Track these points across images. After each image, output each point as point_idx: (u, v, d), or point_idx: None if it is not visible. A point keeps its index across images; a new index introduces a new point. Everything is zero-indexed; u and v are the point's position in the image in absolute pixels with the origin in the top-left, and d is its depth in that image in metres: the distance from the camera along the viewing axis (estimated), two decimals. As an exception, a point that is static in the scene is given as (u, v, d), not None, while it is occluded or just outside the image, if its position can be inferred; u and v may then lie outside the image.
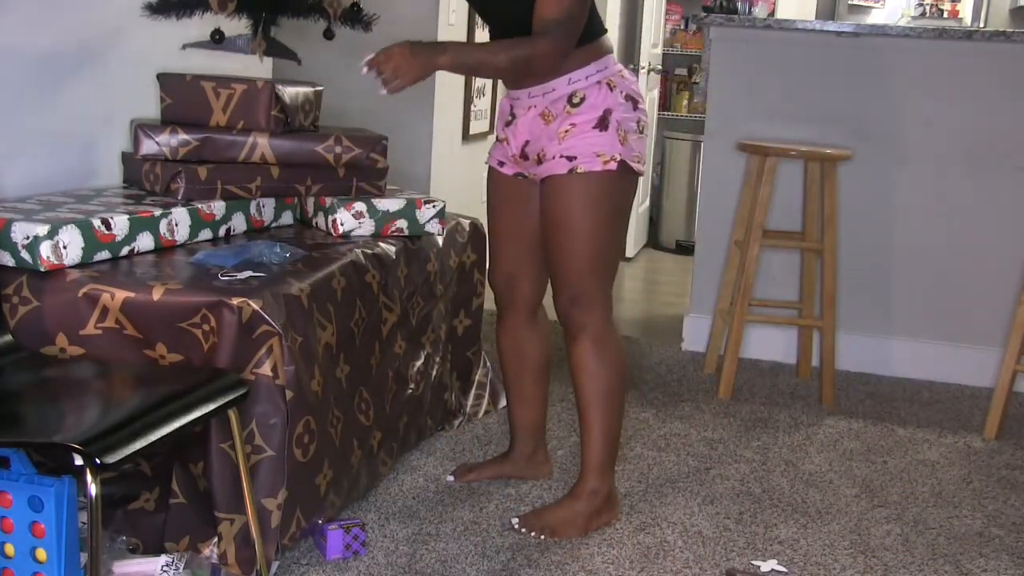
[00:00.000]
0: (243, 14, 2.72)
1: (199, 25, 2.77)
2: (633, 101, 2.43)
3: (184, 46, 2.84)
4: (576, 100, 2.39)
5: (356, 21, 2.83)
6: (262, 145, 2.62)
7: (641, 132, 2.45)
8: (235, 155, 2.61)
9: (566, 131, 2.40)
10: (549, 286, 2.59)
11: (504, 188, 2.62)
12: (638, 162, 2.44)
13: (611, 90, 2.40)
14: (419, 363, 2.91)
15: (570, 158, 2.39)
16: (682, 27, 7.18)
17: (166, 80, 2.67)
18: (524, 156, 2.51)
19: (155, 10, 2.71)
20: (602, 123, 2.39)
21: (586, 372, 2.50)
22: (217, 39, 2.73)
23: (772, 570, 2.43)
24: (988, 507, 2.86)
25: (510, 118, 2.52)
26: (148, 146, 2.58)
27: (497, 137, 2.61)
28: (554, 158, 2.42)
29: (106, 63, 2.79)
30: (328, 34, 2.82)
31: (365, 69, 2.27)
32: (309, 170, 2.70)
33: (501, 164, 2.61)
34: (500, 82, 2.67)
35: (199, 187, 2.57)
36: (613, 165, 2.39)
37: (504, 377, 2.80)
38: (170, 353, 2.19)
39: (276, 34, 2.82)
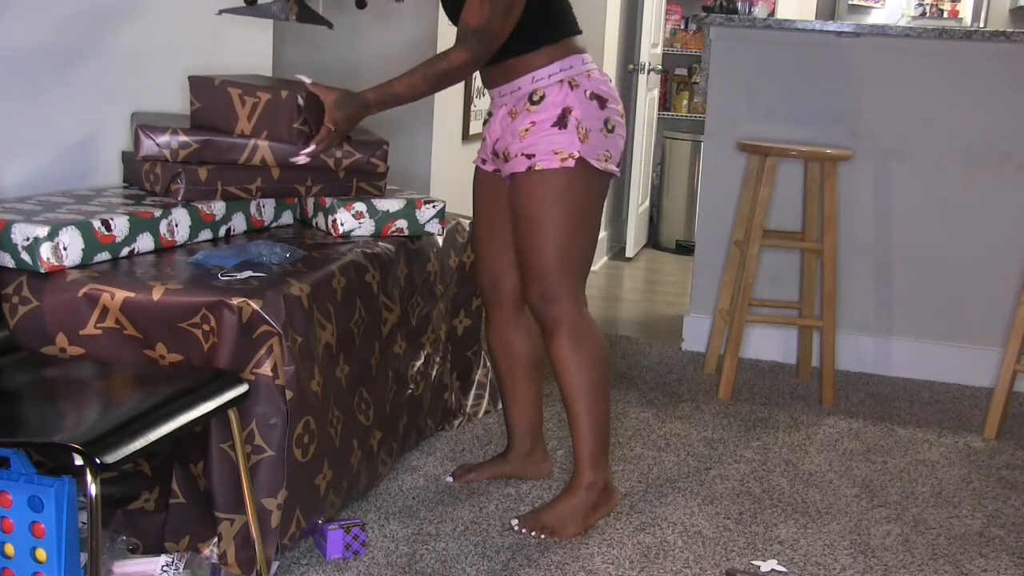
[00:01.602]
0: None
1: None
2: (600, 100, 2.45)
3: (220, 11, 2.85)
4: (536, 98, 2.43)
5: None
6: (262, 148, 2.62)
7: (610, 131, 2.46)
8: (235, 158, 2.60)
9: (526, 129, 2.44)
10: None
11: (485, 186, 2.67)
12: (604, 160, 2.45)
13: (572, 89, 2.42)
14: (419, 363, 2.91)
15: (529, 156, 2.43)
16: (682, 27, 7.18)
17: (195, 83, 2.60)
18: (495, 153, 2.55)
19: None
20: (561, 121, 2.41)
21: (566, 367, 2.51)
22: (250, 1, 2.76)
23: (772, 570, 2.43)
24: (988, 507, 2.86)
25: (487, 116, 2.59)
26: (148, 147, 2.58)
27: (483, 136, 2.66)
28: (516, 156, 2.46)
29: (106, 62, 2.79)
30: (360, 3, 2.87)
31: (304, 159, 2.51)
32: (309, 172, 2.70)
33: (484, 162, 2.65)
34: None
35: (199, 188, 2.57)
36: (571, 162, 2.41)
37: (497, 376, 2.82)
38: (170, 353, 2.19)
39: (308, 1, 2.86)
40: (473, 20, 2.35)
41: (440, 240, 2.98)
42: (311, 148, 2.50)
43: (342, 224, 2.74)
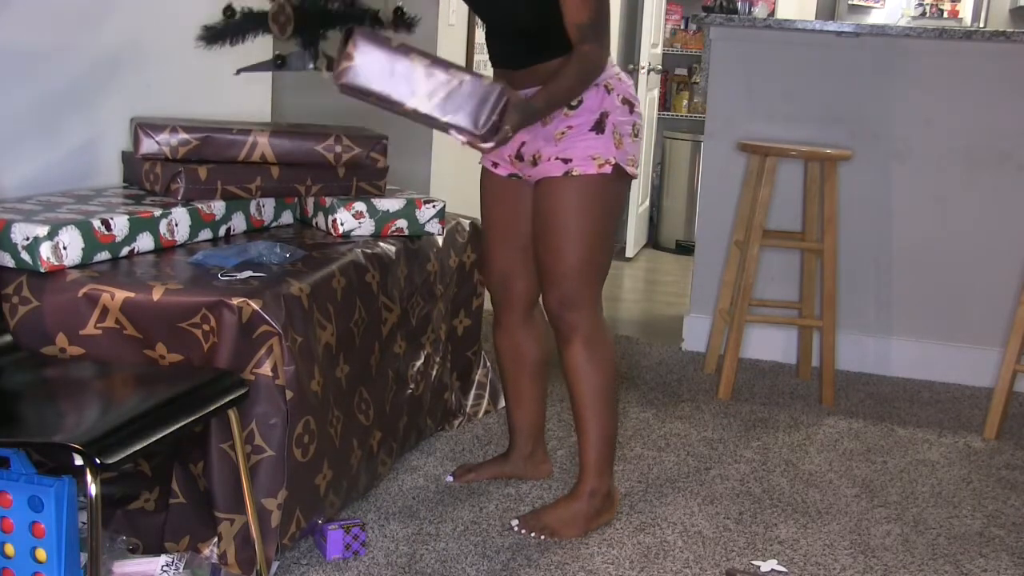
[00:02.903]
0: (297, 34, 2.77)
1: (244, 48, 2.83)
2: (630, 105, 2.43)
3: (239, 71, 2.83)
4: (574, 103, 2.39)
5: (401, 24, 2.90)
6: (262, 144, 2.62)
7: (636, 136, 2.45)
8: (235, 154, 2.61)
9: (562, 133, 2.40)
10: None
11: (497, 189, 2.63)
12: (632, 165, 2.45)
13: (608, 93, 2.40)
14: (419, 363, 2.91)
15: (565, 160, 2.40)
16: (682, 27, 7.18)
17: (362, 35, 2.16)
18: (519, 157, 2.50)
19: (210, 39, 2.75)
20: (598, 126, 2.39)
21: (579, 374, 2.50)
22: (279, 64, 2.76)
23: (772, 570, 2.43)
24: (988, 507, 2.86)
25: None
26: (148, 145, 2.58)
27: None
28: (549, 160, 2.42)
29: (106, 63, 2.79)
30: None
31: (464, 140, 2.23)
32: (309, 170, 2.70)
33: (495, 165, 2.61)
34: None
35: (199, 187, 2.57)
36: (608, 168, 2.40)
37: (502, 377, 2.80)
38: (170, 353, 2.19)
39: (323, 47, 2.87)
40: (584, 16, 2.29)
41: (440, 240, 2.98)
42: (489, 145, 2.24)
43: (342, 224, 2.74)
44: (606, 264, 2.52)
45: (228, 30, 2.77)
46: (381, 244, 2.72)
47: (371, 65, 2.14)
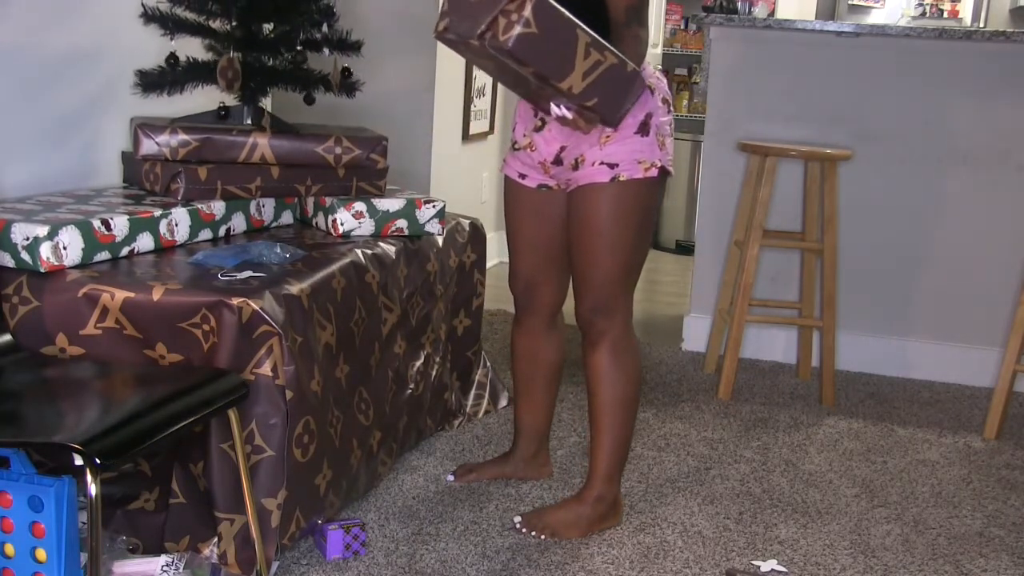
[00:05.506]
0: (242, 90, 2.77)
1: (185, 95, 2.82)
2: (668, 104, 2.42)
3: (174, 121, 2.82)
4: None
5: (345, 88, 2.92)
6: (262, 146, 2.63)
7: (671, 135, 2.44)
8: (235, 156, 2.61)
9: (607, 136, 2.35)
10: (570, 291, 2.57)
11: (525, 200, 2.56)
12: (671, 165, 2.43)
13: (652, 93, 2.37)
14: (419, 363, 2.91)
15: (611, 165, 2.35)
16: (682, 27, 7.18)
17: (540, 5, 1.99)
18: (558, 162, 2.44)
19: (147, 87, 2.71)
20: (643, 128, 2.35)
21: (602, 379, 2.48)
22: (223, 115, 2.75)
23: (772, 570, 2.43)
24: (988, 507, 2.86)
25: (539, 123, 2.45)
26: (148, 146, 2.58)
27: (516, 145, 2.54)
28: (593, 164, 2.37)
29: (106, 63, 2.79)
30: (309, 100, 2.90)
31: (569, 115, 2.19)
32: (309, 170, 2.70)
33: (523, 176, 2.54)
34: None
35: (199, 187, 2.57)
36: (654, 172, 2.37)
37: (515, 379, 2.77)
38: (170, 353, 2.19)
39: (263, 102, 2.89)
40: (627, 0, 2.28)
41: (440, 240, 2.98)
42: (606, 131, 2.28)
43: (342, 224, 2.75)
44: (640, 269, 2.50)
45: (167, 79, 2.73)
46: (381, 244, 2.72)
47: (543, 30, 1.93)
